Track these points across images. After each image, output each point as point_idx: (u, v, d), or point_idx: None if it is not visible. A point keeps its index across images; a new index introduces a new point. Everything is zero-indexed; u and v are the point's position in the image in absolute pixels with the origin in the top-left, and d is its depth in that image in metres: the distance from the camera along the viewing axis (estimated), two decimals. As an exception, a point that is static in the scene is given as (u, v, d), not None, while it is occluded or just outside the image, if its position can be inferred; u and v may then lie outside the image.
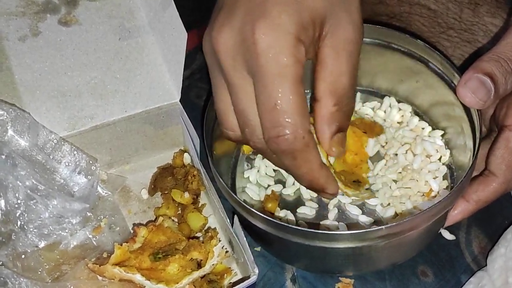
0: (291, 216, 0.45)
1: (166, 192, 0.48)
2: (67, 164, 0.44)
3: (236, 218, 0.42)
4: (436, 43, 0.50)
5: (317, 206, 0.46)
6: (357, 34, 0.37)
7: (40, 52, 0.47)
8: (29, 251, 0.40)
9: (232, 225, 0.42)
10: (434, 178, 0.45)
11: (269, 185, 0.47)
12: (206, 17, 0.39)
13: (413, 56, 0.46)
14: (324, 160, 0.38)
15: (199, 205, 0.47)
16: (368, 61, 0.48)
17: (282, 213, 0.46)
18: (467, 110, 0.43)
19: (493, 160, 0.41)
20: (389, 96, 0.50)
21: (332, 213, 0.45)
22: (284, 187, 0.47)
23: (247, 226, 0.42)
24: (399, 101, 0.50)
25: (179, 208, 0.47)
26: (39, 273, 0.40)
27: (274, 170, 0.48)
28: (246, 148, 0.49)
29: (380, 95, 0.50)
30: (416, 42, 0.45)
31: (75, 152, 0.44)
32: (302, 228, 0.38)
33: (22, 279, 0.38)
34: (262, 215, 0.39)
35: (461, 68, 0.44)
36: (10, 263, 0.39)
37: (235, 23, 0.35)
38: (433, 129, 0.48)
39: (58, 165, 0.43)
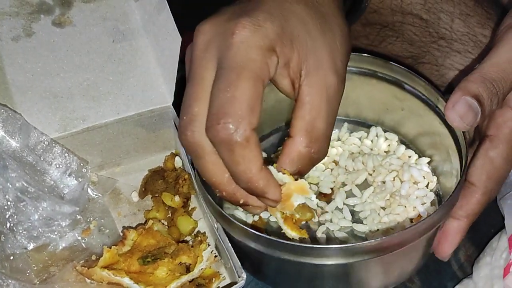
0: None
1: (156, 195, 0.48)
2: (57, 166, 0.44)
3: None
4: (427, 52, 0.50)
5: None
6: (339, 84, 0.37)
7: (33, 53, 0.47)
8: (17, 252, 0.40)
9: (217, 230, 0.43)
10: (422, 204, 0.45)
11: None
12: (200, 21, 0.39)
13: (397, 84, 0.47)
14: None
15: (189, 209, 0.48)
16: (354, 91, 0.48)
17: None
18: (453, 134, 0.44)
19: (473, 170, 0.41)
20: (376, 126, 0.51)
21: (322, 240, 0.45)
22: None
23: (237, 248, 0.42)
24: (385, 131, 0.51)
25: (169, 212, 0.47)
26: (27, 274, 0.40)
27: None
28: None
29: (367, 125, 0.51)
30: (399, 68, 0.46)
31: (66, 154, 0.44)
32: (292, 243, 0.38)
33: (10, 281, 0.38)
34: (253, 231, 0.39)
35: (448, 87, 0.45)
36: (-1, 265, 0.39)
37: (221, 19, 0.37)
38: (420, 156, 0.49)
39: (48, 167, 0.43)
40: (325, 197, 0.48)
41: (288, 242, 0.38)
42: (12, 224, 0.40)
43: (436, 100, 0.45)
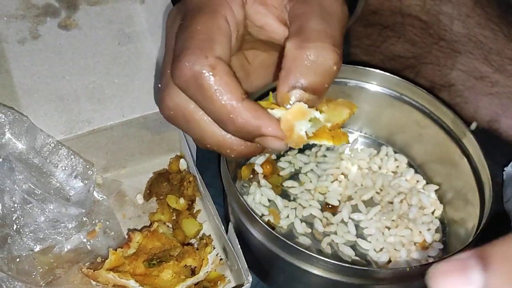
0: None
1: (161, 197, 0.48)
2: (63, 168, 0.44)
3: (230, 225, 0.43)
4: (429, 52, 0.50)
5: (310, 242, 0.46)
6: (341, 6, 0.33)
7: (39, 56, 0.47)
8: (24, 254, 0.40)
9: (226, 232, 0.43)
10: (428, 230, 0.46)
11: (263, 215, 0.47)
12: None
13: (422, 111, 0.47)
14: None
15: (194, 211, 0.48)
16: (376, 109, 0.49)
17: None
18: (476, 175, 0.44)
19: None
20: (387, 146, 0.51)
21: (326, 251, 0.46)
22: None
23: (249, 249, 0.42)
24: (395, 152, 0.51)
25: (174, 214, 0.47)
26: (33, 276, 0.40)
27: (269, 200, 0.48)
28: (244, 174, 0.49)
29: (377, 143, 0.51)
30: (428, 96, 0.46)
31: (72, 157, 0.44)
32: (313, 255, 0.37)
33: (16, 283, 0.38)
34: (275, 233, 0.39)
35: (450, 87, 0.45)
36: (5, 267, 0.39)
37: None
38: (427, 183, 0.49)
39: (54, 169, 0.43)
40: (331, 209, 0.48)
41: (308, 252, 0.38)
42: (18, 226, 0.40)
43: (462, 134, 0.45)
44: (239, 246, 0.41)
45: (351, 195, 0.48)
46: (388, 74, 0.47)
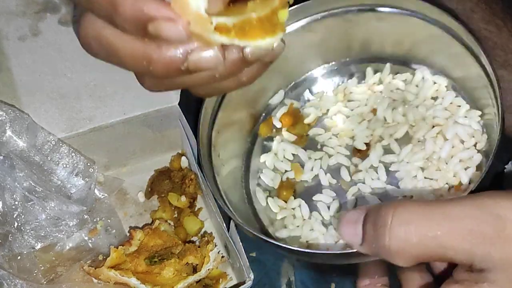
0: (304, 207, 0.43)
1: (163, 195, 0.48)
2: (64, 166, 0.44)
3: (232, 223, 0.43)
4: None
5: (335, 194, 0.43)
6: None
7: (40, 53, 0.47)
8: (25, 252, 0.40)
9: (228, 230, 0.43)
10: (465, 169, 0.39)
11: (286, 171, 0.45)
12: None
13: (445, 28, 0.42)
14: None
15: (196, 209, 0.48)
16: (394, 29, 0.44)
17: (296, 203, 0.43)
18: (492, 87, 0.39)
19: None
20: (423, 67, 0.45)
21: (351, 203, 0.42)
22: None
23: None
24: (434, 73, 0.44)
25: (176, 212, 0.47)
26: (35, 274, 0.40)
27: (293, 155, 0.45)
28: (263, 131, 0.47)
29: (413, 66, 0.46)
30: (438, 10, 0.41)
31: (73, 154, 0.44)
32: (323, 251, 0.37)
33: (17, 281, 0.38)
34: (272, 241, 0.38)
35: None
36: (6, 264, 0.39)
37: None
38: (471, 107, 0.42)
39: (55, 167, 0.43)
40: (360, 154, 0.44)
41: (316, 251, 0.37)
42: (19, 224, 0.40)
43: (479, 53, 0.40)
44: (240, 244, 0.41)
45: (381, 134, 0.43)
46: None
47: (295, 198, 0.44)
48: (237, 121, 0.47)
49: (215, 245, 0.43)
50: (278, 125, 0.47)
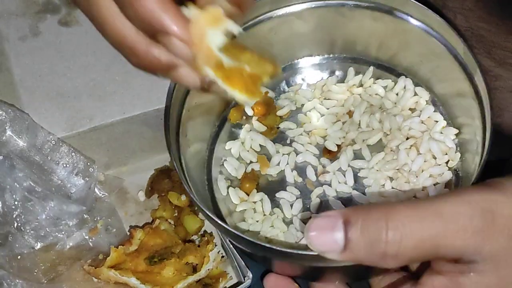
0: (267, 202, 0.41)
1: (163, 194, 0.48)
2: (65, 165, 0.44)
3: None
4: None
5: (299, 193, 0.41)
6: None
7: (40, 53, 0.47)
8: (25, 252, 0.40)
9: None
10: (434, 185, 0.39)
11: (251, 162, 0.43)
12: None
13: (436, 37, 0.41)
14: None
15: (196, 208, 0.48)
16: (385, 31, 0.42)
17: (258, 196, 0.41)
18: (481, 105, 0.38)
19: None
20: (406, 77, 0.43)
21: (314, 205, 0.41)
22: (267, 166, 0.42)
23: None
24: (417, 84, 0.43)
25: (176, 211, 0.47)
26: (35, 274, 0.40)
27: (261, 146, 0.43)
28: (232, 116, 0.45)
29: (397, 73, 0.44)
30: (440, 21, 0.40)
31: (73, 154, 0.44)
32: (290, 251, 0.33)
33: (18, 281, 0.38)
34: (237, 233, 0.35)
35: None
36: (6, 264, 0.39)
37: None
38: (448, 125, 0.42)
39: (56, 166, 0.43)
40: (329, 154, 0.42)
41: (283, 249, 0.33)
42: (19, 224, 0.40)
43: (474, 70, 0.39)
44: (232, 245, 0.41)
45: (354, 138, 0.42)
46: None
47: (257, 192, 0.42)
48: (207, 102, 0.43)
49: (215, 245, 0.43)
50: (250, 112, 0.44)
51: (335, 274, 0.38)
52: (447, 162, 0.41)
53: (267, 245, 0.34)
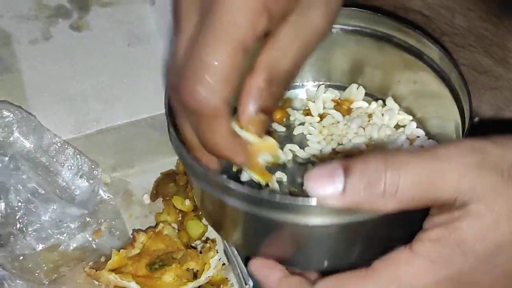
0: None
1: (167, 198, 0.48)
2: (69, 167, 0.44)
3: None
4: None
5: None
6: (326, 27, 0.34)
7: (50, 56, 0.48)
8: (27, 253, 0.41)
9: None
10: None
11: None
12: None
13: (413, 52, 0.41)
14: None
15: (200, 213, 0.47)
16: (367, 56, 0.43)
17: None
18: (459, 105, 0.39)
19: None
20: (389, 100, 0.44)
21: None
22: None
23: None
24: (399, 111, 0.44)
25: (180, 215, 0.47)
26: (37, 275, 0.41)
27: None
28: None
29: (375, 98, 0.45)
30: (415, 33, 0.41)
31: (78, 156, 0.45)
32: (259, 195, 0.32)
33: (18, 281, 0.38)
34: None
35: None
36: (8, 265, 0.40)
37: None
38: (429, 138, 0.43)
39: (61, 168, 0.44)
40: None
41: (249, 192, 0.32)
42: (22, 225, 0.41)
43: (449, 71, 0.40)
44: (237, 252, 0.40)
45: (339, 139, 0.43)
46: (370, 12, 0.41)
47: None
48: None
49: (217, 252, 0.43)
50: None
51: (319, 253, 0.35)
52: None
53: (265, 196, 0.32)
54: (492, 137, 0.31)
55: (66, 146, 0.44)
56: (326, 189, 0.30)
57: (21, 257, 0.40)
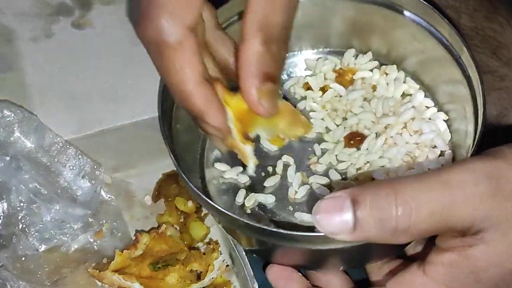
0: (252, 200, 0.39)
1: (169, 199, 0.48)
2: (71, 167, 0.44)
3: None
4: None
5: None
6: None
7: (52, 54, 0.47)
8: (29, 253, 0.40)
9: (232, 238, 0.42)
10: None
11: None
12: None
13: (420, 24, 0.41)
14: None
15: (202, 214, 0.47)
16: (375, 25, 0.42)
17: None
18: (472, 89, 0.39)
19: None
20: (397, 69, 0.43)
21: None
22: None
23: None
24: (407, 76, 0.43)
25: (182, 217, 0.47)
26: (38, 276, 0.40)
27: None
28: None
29: (380, 64, 0.44)
30: (424, 5, 0.40)
31: (79, 156, 0.44)
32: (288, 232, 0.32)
33: (21, 282, 0.38)
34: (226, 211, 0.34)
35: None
36: (10, 266, 0.39)
37: None
38: (438, 110, 0.42)
39: (62, 169, 0.43)
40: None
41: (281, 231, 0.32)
42: (24, 226, 0.40)
43: (460, 50, 0.39)
44: (244, 253, 0.40)
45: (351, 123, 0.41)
46: None
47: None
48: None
49: (220, 253, 0.42)
50: None
51: (334, 261, 0.37)
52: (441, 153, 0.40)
53: (274, 229, 0.33)
54: (505, 150, 0.30)
55: (68, 146, 0.44)
56: (336, 224, 0.29)
57: (23, 258, 0.40)
